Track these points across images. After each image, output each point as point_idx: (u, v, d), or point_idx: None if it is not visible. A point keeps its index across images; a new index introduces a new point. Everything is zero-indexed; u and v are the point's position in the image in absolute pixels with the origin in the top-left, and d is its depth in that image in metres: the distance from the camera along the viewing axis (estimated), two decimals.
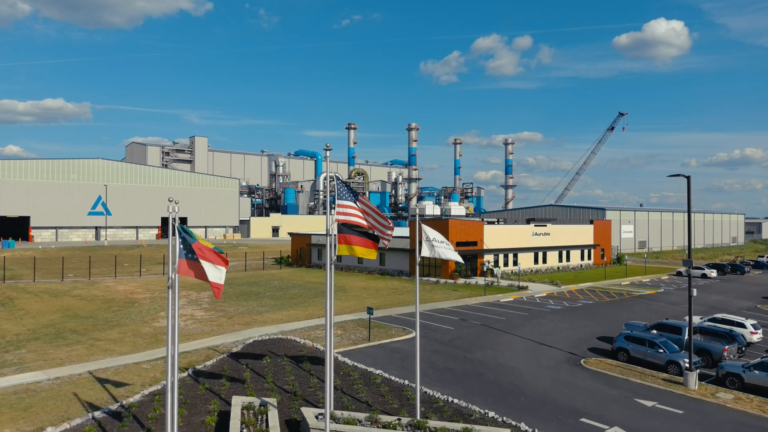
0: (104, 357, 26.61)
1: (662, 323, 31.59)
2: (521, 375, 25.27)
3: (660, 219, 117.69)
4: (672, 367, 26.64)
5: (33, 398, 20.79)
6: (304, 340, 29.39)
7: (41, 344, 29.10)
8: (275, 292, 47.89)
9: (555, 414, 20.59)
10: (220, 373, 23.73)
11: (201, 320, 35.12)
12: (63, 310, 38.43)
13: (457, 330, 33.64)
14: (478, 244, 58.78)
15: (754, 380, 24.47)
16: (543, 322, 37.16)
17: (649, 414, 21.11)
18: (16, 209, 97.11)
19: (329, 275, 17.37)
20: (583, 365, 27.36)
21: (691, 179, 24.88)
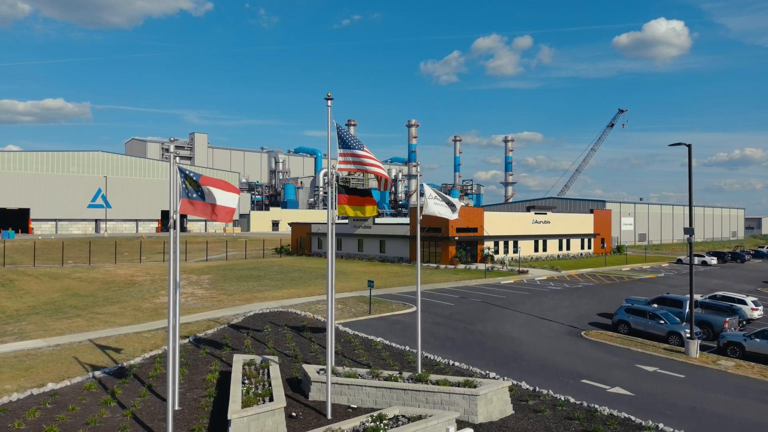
0: (104, 328, 26.57)
1: (663, 297, 31.58)
2: (522, 344, 25.25)
3: (660, 212, 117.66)
4: (673, 338, 26.62)
5: (33, 361, 20.76)
6: (305, 312, 29.37)
7: (41, 318, 29.07)
8: (276, 275, 47.87)
9: (556, 376, 20.57)
10: (221, 341, 23.71)
11: (202, 297, 35.09)
12: (63, 290, 38.39)
13: (457, 306, 33.62)
14: (478, 231, 58.74)
15: (755, 348, 24.44)
16: (543, 300, 37.14)
17: (650, 377, 21.09)
18: (15, 201, 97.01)
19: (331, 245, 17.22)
20: (584, 336, 27.34)
21: (692, 147, 24.85)
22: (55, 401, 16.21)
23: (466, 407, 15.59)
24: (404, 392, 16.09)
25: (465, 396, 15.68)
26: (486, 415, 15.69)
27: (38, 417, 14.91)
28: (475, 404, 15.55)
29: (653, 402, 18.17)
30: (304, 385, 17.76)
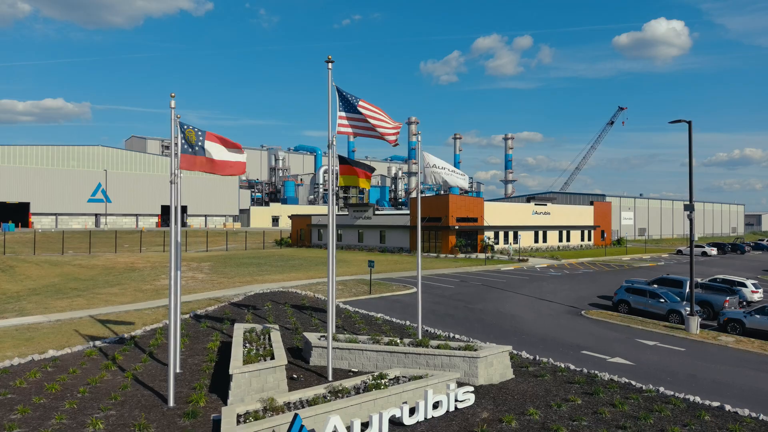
0: (105, 306, 26.59)
1: (663, 278, 31.61)
2: (522, 321, 25.27)
3: (660, 207, 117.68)
4: (673, 316, 26.63)
5: (34, 333, 20.78)
6: (306, 292, 29.40)
7: (41, 298, 29.09)
8: (276, 262, 47.90)
9: (556, 347, 20.59)
10: (222, 316, 23.74)
11: (202, 280, 35.11)
12: (63, 275, 38.41)
13: (457, 288, 33.64)
14: (478, 221, 58.75)
15: (755, 324, 24.44)
16: (543, 284, 37.17)
17: (650, 350, 21.11)
18: (15, 195, 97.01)
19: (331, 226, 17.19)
20: (584, 315, 27.37)
21: (692, 124, 24.87)
22: (56, 365, 16.23)
23: (466, 369, 15.60)
24: (405, 356, 16.11)
25: (465, 359, 15.69)
26: (486, 377, 15.71)
27: (39, 377, 14.94)
28: (475, 366, 15.57)
29: (653, 371, 18.18)
30: (305, 352, 17.78)
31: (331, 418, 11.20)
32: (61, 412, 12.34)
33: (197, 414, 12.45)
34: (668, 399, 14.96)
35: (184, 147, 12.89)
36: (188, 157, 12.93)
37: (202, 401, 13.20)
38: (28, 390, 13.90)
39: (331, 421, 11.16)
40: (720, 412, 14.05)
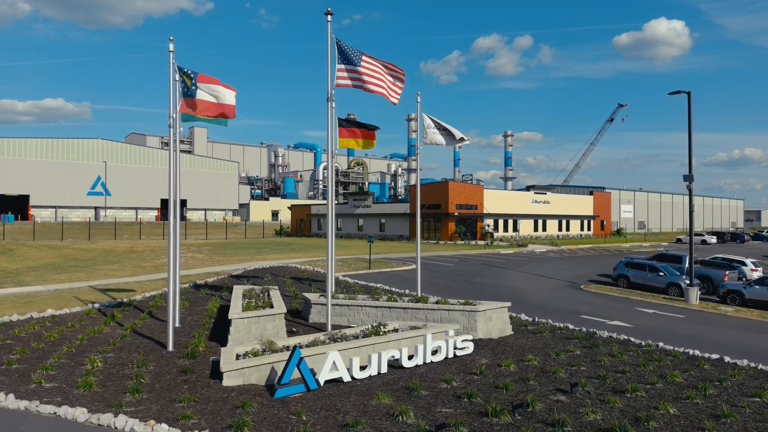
0: (104, 278, 26.58)
1: (662, 254, 31.62)
2: (522, 292, 25.28)
3: (659, 201, 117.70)
4: (673, 289, 26.63)
5: (33, 298, 20.76)
6: (305, 266, 29.41)
7: (41, 273, 29.07)
8: (276, 247, 47.90)
9: (555, 313, 20.59)
10: (221, 285, 23.74)
11: (201, 260, 35.11)
12: (63, 257, 38.40)
13: (457, 266, 33.66)
14: (477, 208, 58.74)
15: (754, 295, 24.44)
16: (543, 264, 37.19)
17: (649, 316, 21.13)
18: (15, 187, 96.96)
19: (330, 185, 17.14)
20: (583, 289, 27.38)
21: (691, 94, 24.86)
22: (55, 321, 16.24)
23: (465, 323, 15.60)
24: (404, 311, 16.11)
25: (464, 312, 15.70)
26: (485, 331, 15.71)
27: (38, 329, 14.93)
28: (474, 320, 15.57)
29: (653, 332, 18.17)
30: (304, 311, 17.79)
31: (330, 353, 11.20)
32: (59, 353, 12.34)
33: (196, 355, 12.45)
34: (668, 352, 14.98)
35: (183, 90, 12.88)
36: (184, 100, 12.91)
37: (202, 345, 13.20)
38: (26, 338, 13.90)
39: (330, 356, 11.17)
40: (719, 362, 14.07)
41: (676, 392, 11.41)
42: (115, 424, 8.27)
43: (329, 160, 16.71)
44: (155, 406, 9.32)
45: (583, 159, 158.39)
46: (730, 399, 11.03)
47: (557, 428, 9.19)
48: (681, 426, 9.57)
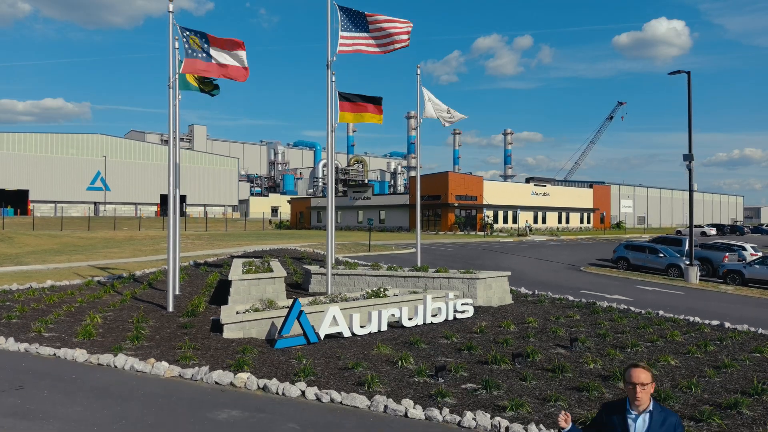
0: (104, 259, 26.57)
1: (662, 237, 31.65)
2: (522, 272, 25.27)
3: (659, 196, 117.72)
4: (672, 270, 26.62)
5: (33, 274, 20.76)
6: (305, 249, 29.40)
7: (41, 255, 29.05)
8: (276, 236, 47.88)
9: (556, 288, 20.57)
10: (221, 263, 23.72)
11: (202, 245, 35.09)
12: (62, 244, 38.39)
13: (457, 251, 33.67)
14: (477, 199, 58.74)
15: (754, 275, 24.43)
16: (543, 250, 37.21)
17: (649, 293, 21.12)
18: (15, 182, 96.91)
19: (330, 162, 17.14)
20: (583, 270, 27.39)
21: (691, 74, 24.86)
22: (54, 290, 16.22)
23: (465, 291, 15.59)
24: (404, 279, 16.11)
25: (464, 280, 15.69)
26: (485, 299, 15.70)
27: (37, 295, 14.92)
28: (474, 287, 15.56)
29: (653, 305, 18.14)
30: (304, 282, 17.79)
31: (330, 308, 11.19)
32: (58, 312, 12.32)
33: (197, 314, 12.45)
34: (668, 318, 15.00)
35: (188, 52, 12.81)
36: (189, 61, 12.84)
37: (202, 307, 13.20)
38: (26, 301, 13.89)
39: (330, 311, 11.16)
40: (720, 327, 14.08)
41: (676, 348, 11.40)
42: (114, 363, 8.26)
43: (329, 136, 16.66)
44: (155, 351, 9.31)
45: (582, 157, 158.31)
46: (730, 354, 11.02)
47: (557, 373, 9.18)
48: (682, 374, 9.57)
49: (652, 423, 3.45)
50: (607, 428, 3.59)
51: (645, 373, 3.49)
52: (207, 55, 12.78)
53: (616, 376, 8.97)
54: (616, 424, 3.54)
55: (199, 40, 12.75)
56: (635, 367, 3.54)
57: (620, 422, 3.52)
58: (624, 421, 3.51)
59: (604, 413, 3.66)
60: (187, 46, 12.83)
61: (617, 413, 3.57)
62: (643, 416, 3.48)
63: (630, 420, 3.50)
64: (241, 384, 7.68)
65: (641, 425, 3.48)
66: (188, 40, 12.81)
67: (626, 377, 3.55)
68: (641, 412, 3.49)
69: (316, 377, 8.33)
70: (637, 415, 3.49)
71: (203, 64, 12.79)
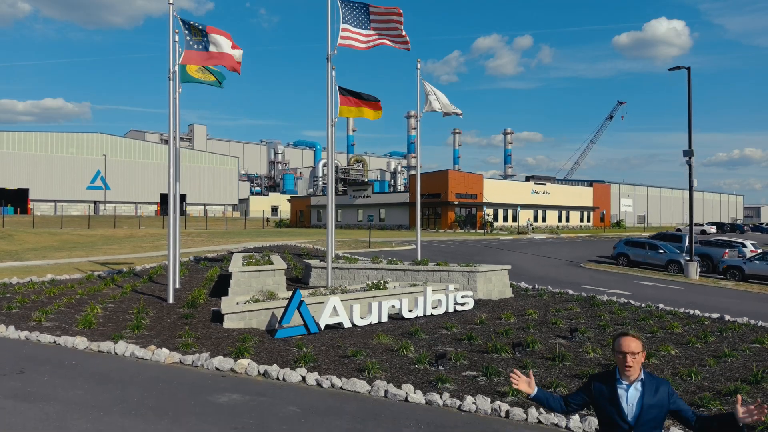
0: (104, 255, 26.57)
1: (662, 234, 31.66)
2: (522, 267, 25.27)
3: (659, 195, 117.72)
4: (672, 266, 26.62)
5: (33, 269, 20.75)
6: (305, 245, 29.40)
7: (40, 252, 29.07)
8: (276, 234, 47.89)
9: (556, 283, 20.59)
10: (221, 258, 23.73)
11: (202, 242, 35.10)
12: (62, 241, 38.37)
13: (457, 248, 33.68)
14: (477, 198, 58.74)
15: (755, 270, 24.41)
16: (543, 247, 37.22)
17: (649, 288, 21.13)
18: (15, 181, 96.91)
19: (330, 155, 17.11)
20: (583, 266, 27.40)
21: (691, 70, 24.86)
22: (54, 283, 16.23)
23: (465, 284, 15.58)
24: (404, 273, 16.11)
25: (464, 273, 15.70)
26: (485, 292, 15.70)
27: (38, 288, 14.92)
28: (474, 280, 15.56)
29: (653, 299, 18.14)
30: (304, 276, 17.79)
31: (330, 299, 11.20)
32: (59, 303, 12.33)
33: (197, 306, 12.45)
34: (668, 312, 15.02)
35: (188, 43, 12.81)
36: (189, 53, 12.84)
37: (202, 299, 13.20)
38: (26, 293, 13.89)
39: (331, 301, 11.16)
40: (719, 320, 14.10)
41: (676, 339, 11.41)
42: (115, 350, 8.27)
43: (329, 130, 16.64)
44: (156, 340, 9.32)
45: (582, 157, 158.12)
46: (730, 345, 11.03)
47: (557, 362, 9.19)
48: (682, 363, 9.57)
49: (644, 392, 3.33)
50: (596, 400, 3.44)
51: (635, 341, 3.35)
52: (206, 46, 12.79)
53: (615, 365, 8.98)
54: (605, 394, 3.39)
55: (200, 32, 12.76)
56: (625, 336, 3.38)
57: (610, 393, 3.38)
58: (614, 391, 3.37)
59: (593, 384, 3.49)
60: (188, 38, 12.84)
61: (606, 384, 3.43)
62: (634, 385, 3.35)
63: (621, 390, 3.36)
64: (241, 370, 7.68)
65: (633, 395, 3.34)
66: (189, 32, 12.82)
67: (616, 346, 3.39)
68: (632, 382, 3.36)
69: (316, 364, 8.33)
70: (628, 385, 3.35)
71: (203, 54, 12.80)
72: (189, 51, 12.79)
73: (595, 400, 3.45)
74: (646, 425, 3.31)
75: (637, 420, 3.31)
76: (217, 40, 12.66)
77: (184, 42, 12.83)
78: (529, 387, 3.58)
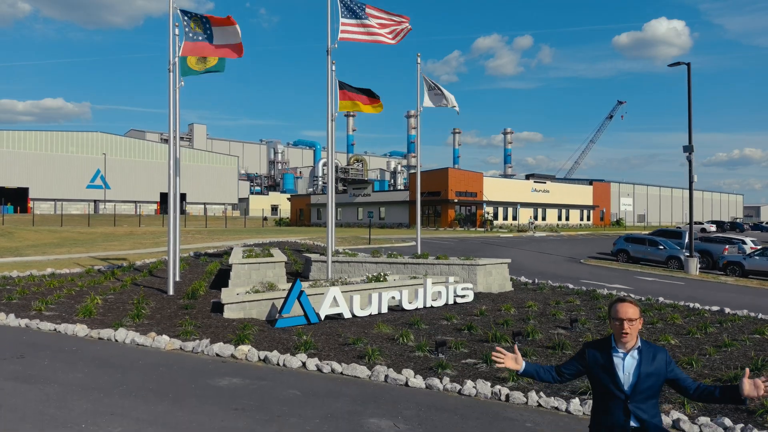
0: (104, 251, 26.57)
1: (662, 230, 31.67)
2: (522, 263, 25.28)
3: (659, 194, 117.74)
4: (672, 262, 26.62)
5: (33, 263, 20.76)
6: (305, 241, 29.40)
7: (40, 248, 29.06)
8: (276, 232, 47.88)
9: (556, 278, 20.57)
10: (222, 253, 23.73)
11: (202, 239, 35.07)
12: (62, 239, 38.35)
13: (457, 245, 33.68)
14: (477, 196, 58.73)
15: (754, 266, 24.43)
16: (543, 244, 37.21)
17: (649, 283, 21.14)
18: (14, 180, 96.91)
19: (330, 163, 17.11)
20: (583, 262, 27.40)
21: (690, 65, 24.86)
22: (54, 277, 16.22)
23: (465, 277, 15.58)
24: (404, 266, 16.10)
25: (464, 266, 15.70)
26: (485, 285, 15.71)
27: (37, 281, 14.92)
28: (474, 274, 15.56)
29: (653, 293, 18.14)
30: (304, 271, 17.78)
31: (330, 289, 11.20)
32: (59, 294, 12.33)
33: (197, 297, 12.45)
34: (668, 304, 15.02)
35: (188, 35, 12.79)
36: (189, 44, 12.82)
37: (202, 290, 13.19)
38: (26, 285, 13.89)
39: (331, 292, 11.17)
40: (720, 312, 14.11)
41: (676, 330, 11.42)
42: (115, 337, 8.27)
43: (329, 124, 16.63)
44: (156, 328, 9.32)
45: (582, 157, 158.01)
46: (730, 335, 11.03)
47: (557, 350, 9.19)
48: (682, 352, 9.58)
49: (641, 360, 3.19)
50: (591, 369, 3.31)
51: (632, 307, 3.22)
52: (207, 37, 12.78)
53: None
54: (600, 363, 3.26)
55: (201, 23, 12.75)
56: (622, 302, 3.25)
57: (605, 361, 3.25)
58: (610, 359, 3.23)
59: (587, 352, 3.36)
60: (187, 29, 12.83)
61: (602, 351, 3.29)
62: (631, 353, 3.21)
63: (617, 358, 3.22)
64: (242, 356, 7.68)
65: (630, 363, 3.20)
66: (189, 24, 12.81)
67: (612, 313, 3.24)
68: (629, 350, 3.21)
69: (316, 350, 8.34)
70: (624, 353, 3.21)
71: (202, 45, 12.78)
72: (189, 42, 12.77)
73: (590, 369, 3.33)
74: (643, 394, 3.19)
75: (634, 389, 3.18)
76: (219, 31, 12.65)
77: (184, 34, 12.82)
78: (516, 363, 3.47)
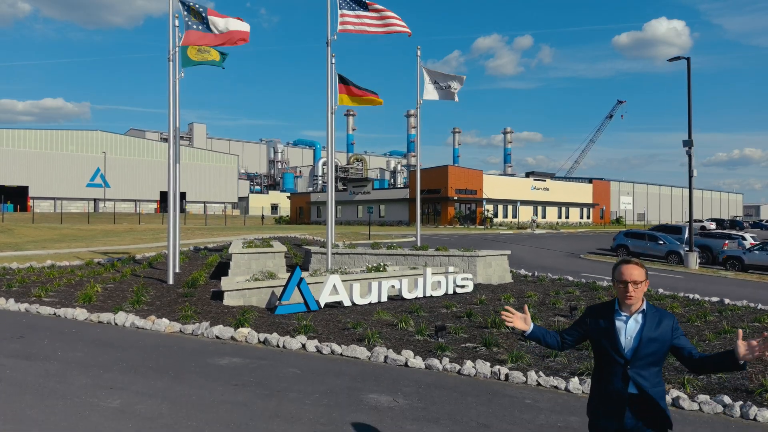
0: (104, 246, 26.59)
1: (662, 226, 31.66)
2: (522, 258, 25.29)
3: (659, 193, 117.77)
4: (672, 257, 26.63)
5: (33, 257, 20.75)
6: (305, 236, 29.41)
7: (41, 243, 29.08)
8: (276, 228, 47.90)
9: (555, 271, 20.59)
10: (221, 248, 23.74)
11: (201, 234, 35.14)
12: (62, 235, 38.34)
13: (457, 241, 33.69)
14: (477, 193, 58.74)
15: (754, 260, 24.42)
16: (543, 240, 37.23)
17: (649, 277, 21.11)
18: (14, 178, 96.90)
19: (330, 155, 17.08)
20: (583, 258, 27.40)
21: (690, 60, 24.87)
22: (54, 268, 16.22)
23: (464, 268, 15.58)
24: (404, 257, 16.10)
25: (464, 257, 15.71)
26: (485, 276, 15.72)
27: (37, 271, 14.93)
28: (474, 265, 15.57)
29: (653, 286, 18.13)
30: (304, 263, 17.76)
31: (330, 277, 11.20)
32: (58, 283, 12.34)
33: (196, 286, 12.46)
34: (668, 295, 15.04)
35: (188, 24, 12.79)
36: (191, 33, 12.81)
37: (202, 280, 13.20)
38: (26, 275, 13.90)
39: (331, 280, 11.17)
40: (719, 303, 14.12)
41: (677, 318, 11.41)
42: (115, 321, 8.28)
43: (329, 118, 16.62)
44: (156, 313, 9.33)
45: (582, 157, 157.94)
46: (730, 323, 11.04)
47: None
48: None
49: (645, 324, 3.03)
50: (591, 333, 3.18)
51: (638, 269, 3.08)
52: (207, 26, 12.77)
53: None
54: (602, 326, 3.11)
55: (199, 14, 12.75)
56: (627, 263, 3.11)
57: (607, 324, 3.09)
58: (611, 323, 3.07)
59: (589, 316, 3.22)
60: (187, 18, 12.83)
61: (604, 315, 3.14)
62: (634, 317, 3.05)
63: (619, 322, 3.06)
64: (242, 338, 7.69)
65: (633, 326, 3.04)
66: (188, 14, 12.81)
67: (616, 275, 3.10)
68: (633, 313, 3.06)
69: (316, 334, 8.35)
70: (627, 317, 3.06)
71: (203, 34, 12.77)
72: (189, 31, 12.77)
73: (591, 333, 3.18)
74: (644, 360, 3.02)
75: (634, 353, 3.02)
76: (217, 22, 12.64)
77: (184, 24, 12.82)
78: (525, 323, 3.32)
